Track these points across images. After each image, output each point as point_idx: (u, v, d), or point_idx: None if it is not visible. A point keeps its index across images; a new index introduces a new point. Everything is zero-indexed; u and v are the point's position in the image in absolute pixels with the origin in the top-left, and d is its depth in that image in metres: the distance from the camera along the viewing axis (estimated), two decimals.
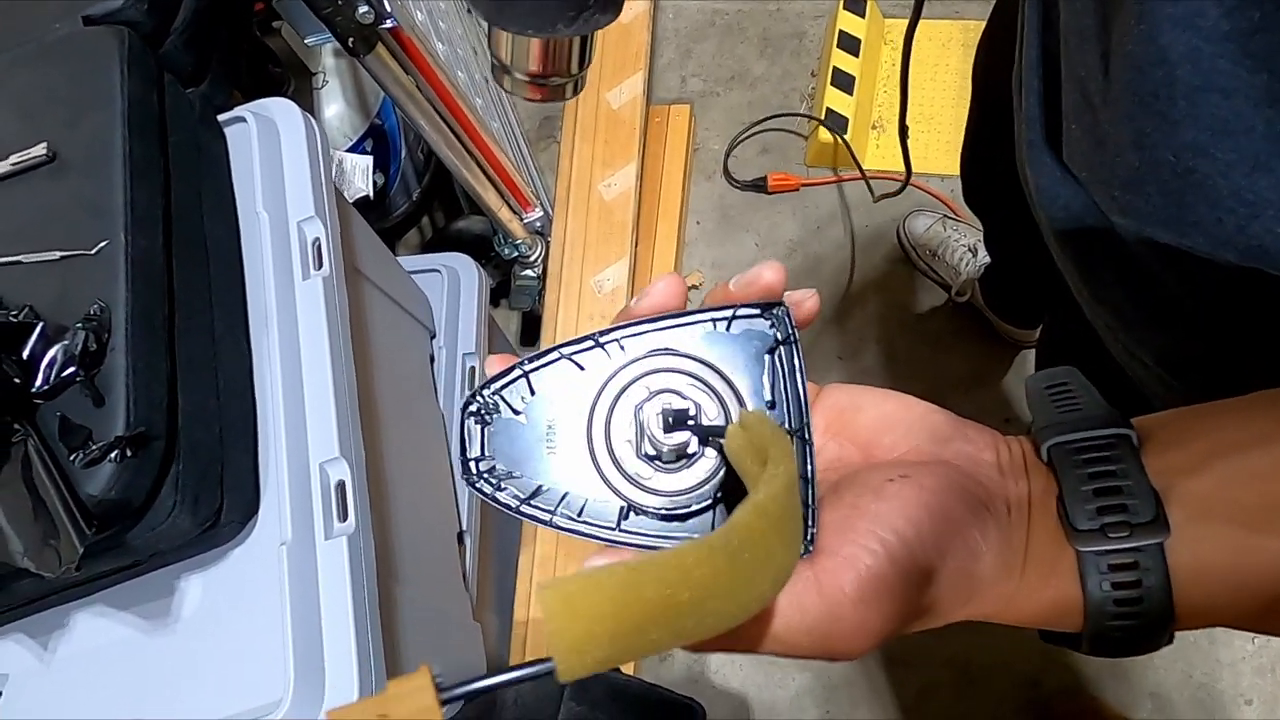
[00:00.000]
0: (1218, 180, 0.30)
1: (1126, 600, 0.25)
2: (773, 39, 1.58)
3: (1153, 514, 0.25)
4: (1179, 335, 0.39)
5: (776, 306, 0.29)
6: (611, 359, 0.29)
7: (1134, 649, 0.27)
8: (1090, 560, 0.26)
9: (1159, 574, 0.25)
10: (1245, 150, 0.29)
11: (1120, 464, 0.26)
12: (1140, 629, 0.26)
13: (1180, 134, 0.30)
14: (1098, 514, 0.25)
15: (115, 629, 0.65)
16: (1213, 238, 0.32)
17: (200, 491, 0.60)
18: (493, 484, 0.29)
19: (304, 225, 0.76)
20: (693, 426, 0.28)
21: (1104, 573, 0.25)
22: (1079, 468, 0.26)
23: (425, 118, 1.01)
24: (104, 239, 0.60)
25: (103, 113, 0.65)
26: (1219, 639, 1.17)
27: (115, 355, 0.57)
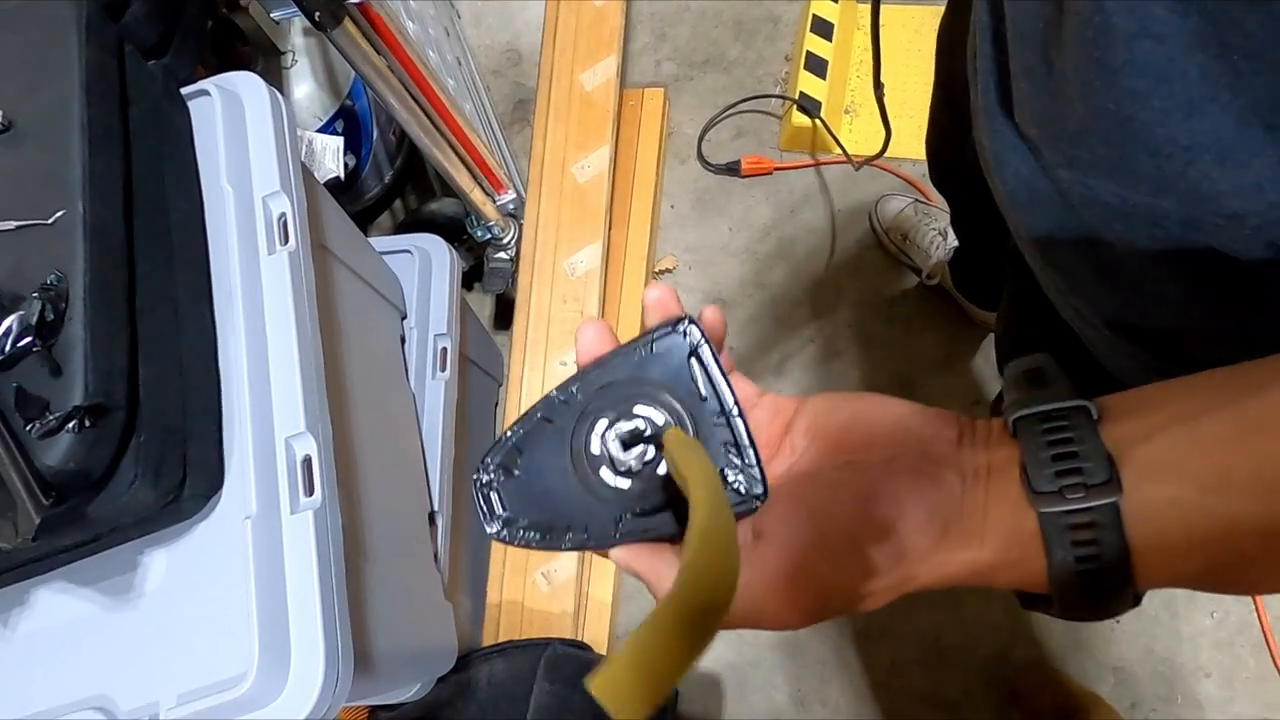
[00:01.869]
0: (1155, 127, 0.31)
1: (1086, 558, 0.27)
2: (747, 23, 1.58)
3: (1106, 475, 0.26)
4: (1126, 298, 0.40)
5: (681, 321, 0.35)
6: (571, 406, 0.35)
7: (1100, 609, 0.28)
8: (1050, 522, 0.27)
9: (1115, 532, 0.26)
10: (1179, 95, 0.30)
11: (1076, 431, 0.27)
12: (1102, 588, 0.27)
13: (1119, 81, 0.31)
14: (1056, 477, 0.27)
15: (77, 605, 0.65)
16: (1154, 185, 0.32)
17: (162, 464, 0.59)
18: (515, 534, 0.35)
19: (269, 200, 0.76)
20: (645, 438, 0.34)
21: (1064, 533, 0.27)
22: (1039, 435, 0.28)
23: (395, 96, 1.00)
24: (61, 209, 0.59)
25: (60, 81, 0.64)
26: (1180, 614, 1.19)
27: (73, 325, 0.56)
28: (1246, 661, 1.16)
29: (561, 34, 1.40)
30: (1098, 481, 0.26)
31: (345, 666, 0.64)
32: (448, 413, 1.08)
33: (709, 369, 0.34)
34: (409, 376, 1.07)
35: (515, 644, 1.15)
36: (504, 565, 1.22)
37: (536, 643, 1.14)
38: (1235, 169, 0.30)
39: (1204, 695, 1.16)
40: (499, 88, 1.63)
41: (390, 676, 0.80)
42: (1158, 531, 0.26)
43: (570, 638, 1.17)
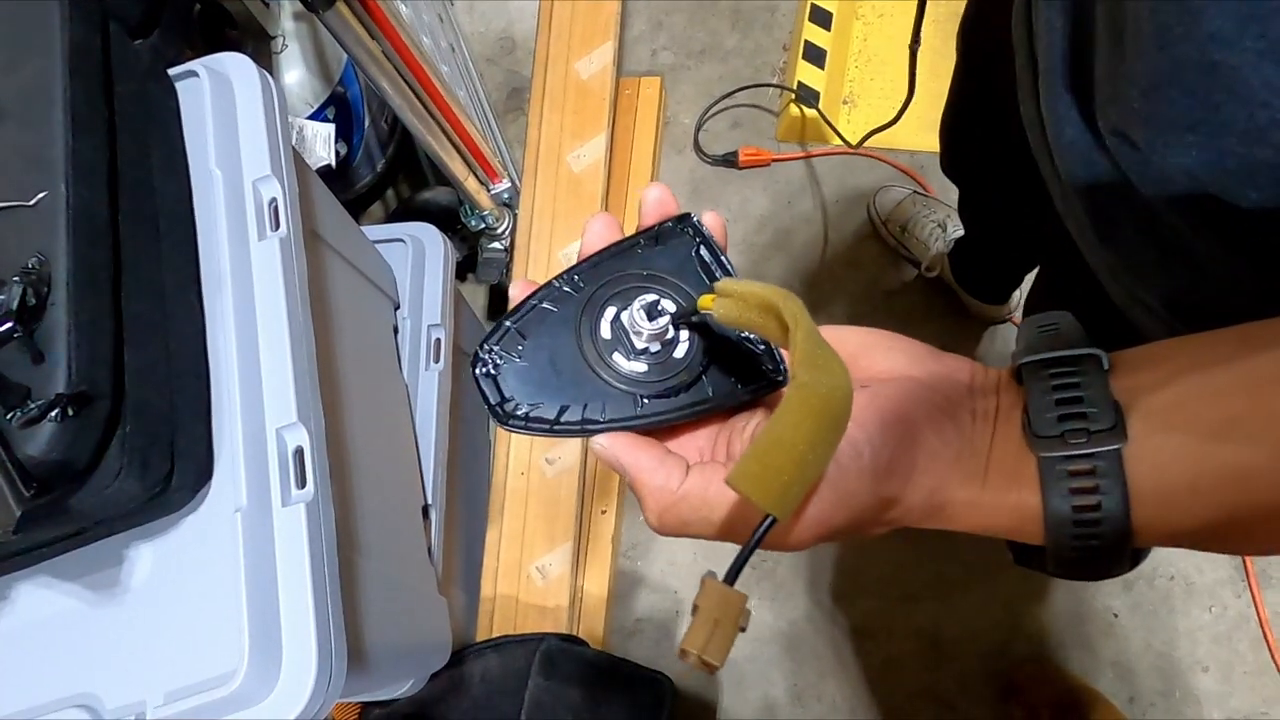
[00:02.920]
0: (1246, 72, 0.29)
1: (1085, 507, 0.26)
2: (744, 12, 1.56)
3: (1112, 422, 0.26)
4: (1187, 277, 0.38)
5: (685, 217, 0.36)
6: (578, 293, 0.35)
7: (1097, 566, 0.27)
8: (1049, 466, 0.26)
9: (1115, 479, 0.26)
10: (1273, 35, 0.28)
11: (1083, 377, 0.27)
12: (1100, 541, 0.26)
13: (1203, 24, 0.29)
14: (1058, 421, 0.26)
15: (60, 600, 0.63)
16: (1245, 136, 0.30)
17: (149, 455, 0.57)
18: (522, 420, 0.34)
19: (259, 185, 0.73)
20: (669, 314, 0.34)
21: (1063, 479, 0.26)
22: (1044, 380, 0.27)
23: (389, 81, 0.98)
24: (43, 190, 0.57)
25: (42, 59, 0.62)
26: (1178, 609, 1.19)
27: (55, 310, 0.54)
28: (1244, 656, 1.16)
29: (557, 21, 1.38)
30: (1102, 428, 0.26)
31: (338, 663, 0.62)
32: (441, 404, 1.06)
33: (717, 258, 0.35)
34: (402, 367, 1.05)
35: (509, 639, 1.13)
36: (498, 559, 1.21)
37: (530, 637, 1.12)
38: None
39: (1202, 689, 1.15)
40: (493, 76, 1.61)
41: (384, 673, 0.78)
42: (1161, 480, 0.25)
43: (564, 632, 1.16)
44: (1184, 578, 1.20)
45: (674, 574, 1.29)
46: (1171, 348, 0.28)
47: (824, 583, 1.26)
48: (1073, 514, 0.26)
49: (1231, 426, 0.24)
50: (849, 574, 1.25)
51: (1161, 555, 1.21)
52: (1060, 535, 0.26)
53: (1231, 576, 1.19)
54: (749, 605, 0.28)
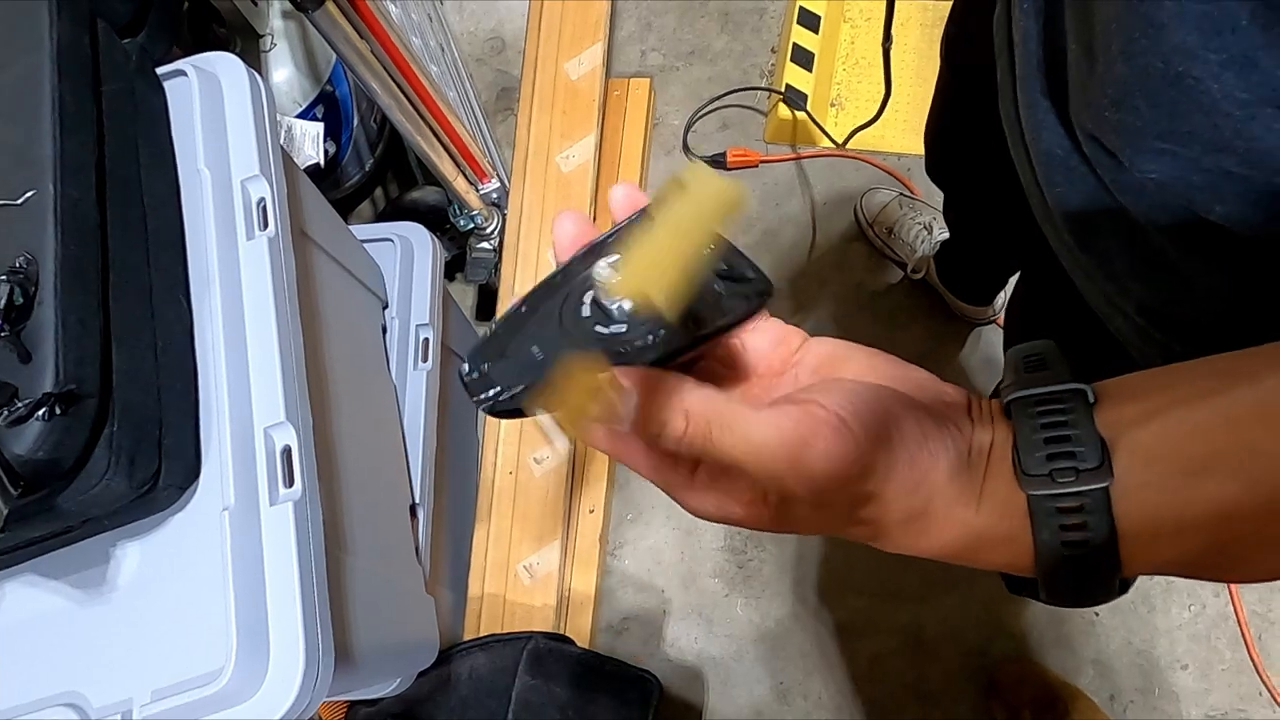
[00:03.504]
0: (1209, 83, 0.29)
1: (1074, 543, 0.26)
2: (733, 14, 1.57)
3: (1098, 461, 0.26)
4: (1164, 286, 0.39)
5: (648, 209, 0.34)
6: (555, 290, 0.34)
7: (1086, 595, 0.28)
8: (1039, 504, 0.27)
9: (1103, 516, 0.26)
10: (1234, 48, 0.28)
11: (1071, 414, 0.27)
12: (1089, 572, 0.27)
13: (1168, 37, 0.30)
14: (1047, 460, 0.27)
15: (47, 599, 0.63)
16: (1209, 144, 0.31)
17: (136, 453, 0.57)
18: (511, 401, 0.32)
19: (248, 184, 0.74)
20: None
21: (1052, 515, 0.27)
22: (1033, 419, 0.28)
23: (378, 81, 0.98)
24: (30, 189, 0.57)
25: (30, 56, 0.62)
26: (1157, 607, 1.20)
27: (43, 309, 0.54)
28: (1223, 654, 1.17)
29: (547, 21, 1.39)
30: (1089, 466, 0.26)
31: (325, 661, 0.63)
32: (430, 404, 1.06)
33: None
34: (390, 367, 1.05)
35: (497, 637, 1.13)
36: (485, 558, 1.21)
37: (518, 636, 1.13)
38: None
39: (1181, 687, 1.17)
40: (482, 76, 1.61)
41: (371, 671, 0.78)
42: (1147, 516, 0.26)
43: (552, 631, 1.16)
44: (1164, 577, 1.21)
45: (660, 573, 1.30)
46: (1154, 379, 0.28)
47: (810, 582, 1.27)
48: (1062, 549, 0.26)
49: (1213, 461, 0.25)
50: (834, 573, 1.26)
51: None
52: (1051, 568, 0.27)
53: None
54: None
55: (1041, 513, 0.27)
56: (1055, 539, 0.27)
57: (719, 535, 1.30)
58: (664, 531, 1.31)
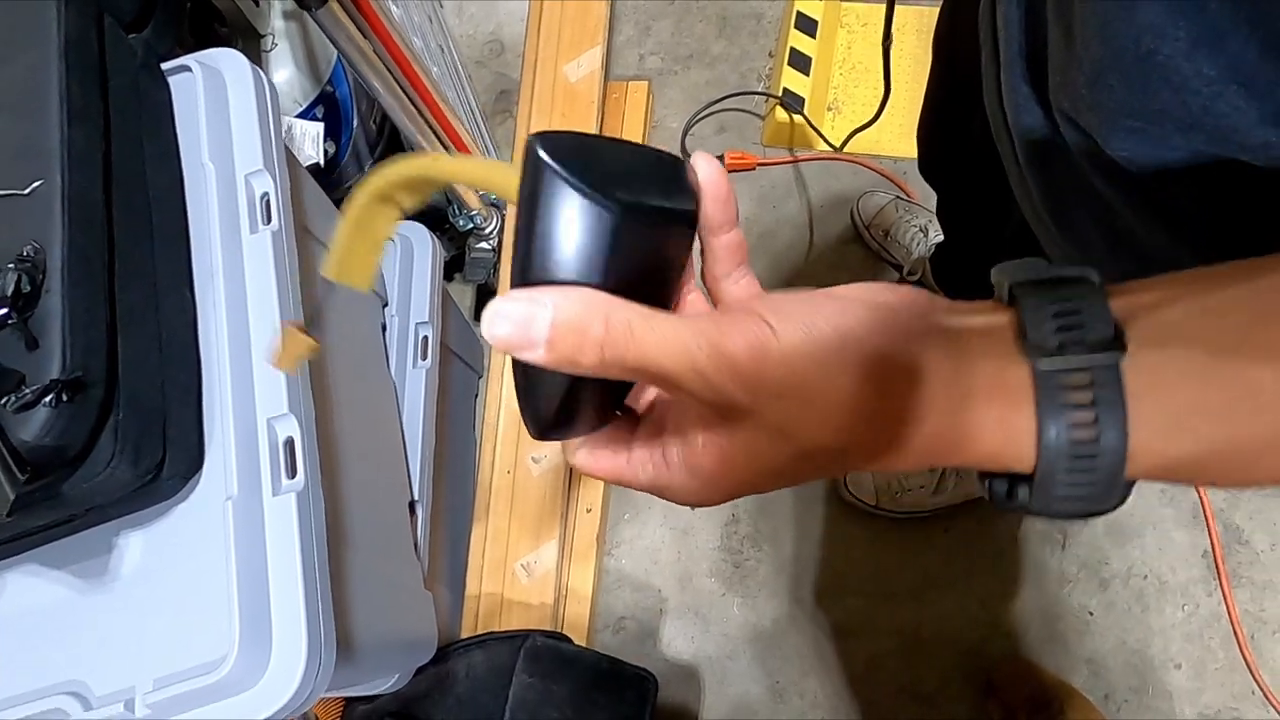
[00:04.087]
0: (1179, 61, 0.30)
1: (1080, 424, 0.24)
2: (731, 19, 1.58)
3: (1111, 334, 0.24)
4: (1135, 267, 0.40)
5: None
6: None
7: (1085, 496, 0.25)
8: (1046, 380, 0.24)
9: (1115, 391, 0.24)
10: (1202, 26, 0.29)
11: (1081, 290, 0.25)
12: (1093, 464, 0.24)
13: (1137, 15, 0.30)
14: (1056, 332, 0.24)
15: (49, 588, 0.63)
16: (1179, 122, 0.32)
17: (141, 442, 0.58)
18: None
19: (252, 179, 0.74)
20: None
21: (1059, 392, 0.24)
22: (1041, 295, 0.25)
23: (379, 80, 0.99)
24: (38, 179, 0.58)
25: (37, 50, 0.62)
26: (1151, 607, 1.21)
27: (50, 298, 0.54)
28: (1216, 653, 1.18)
29: (546, 24, 1.40)
30: (1101, 338, 0.24)
31: (328, 652, 0.63)
32: (429, 402, 1.07)
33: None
34: (390, 365, 1.05)
35: (494, 635, 1.14)
36: (483, 557, 1.21)
37: (516, 634, 1.13)
38: (1263, 98, 0.29)
39: (1174, 686, 1.18)
40: (481, 78, 1.62)
41: (371, 666, 0.78)
42: (1164, 399, 0.24)
43: (549, 629, 1.16)
44: (1157, 577, 1.22)
45: (657, 573, 1.30)
46: (1170, 275, 0.26)
47: (806, 581, 1.27)
48: (1068, 432, 0.24)
49: (1239, 343, 0.23)
50: (831, 573, 1.27)
51: (1136, 555, 1.23)
52: (1052, 460, 0.24)
53: (1204, 575, 1.22)
54: None
55: (1048, 388, 0.24)
56: (1060, 419, 0.24)
57: (715, 535, 1.31)
58: (660, 531, 1.32)
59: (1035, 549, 1.25)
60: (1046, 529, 1.25)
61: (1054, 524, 1.25)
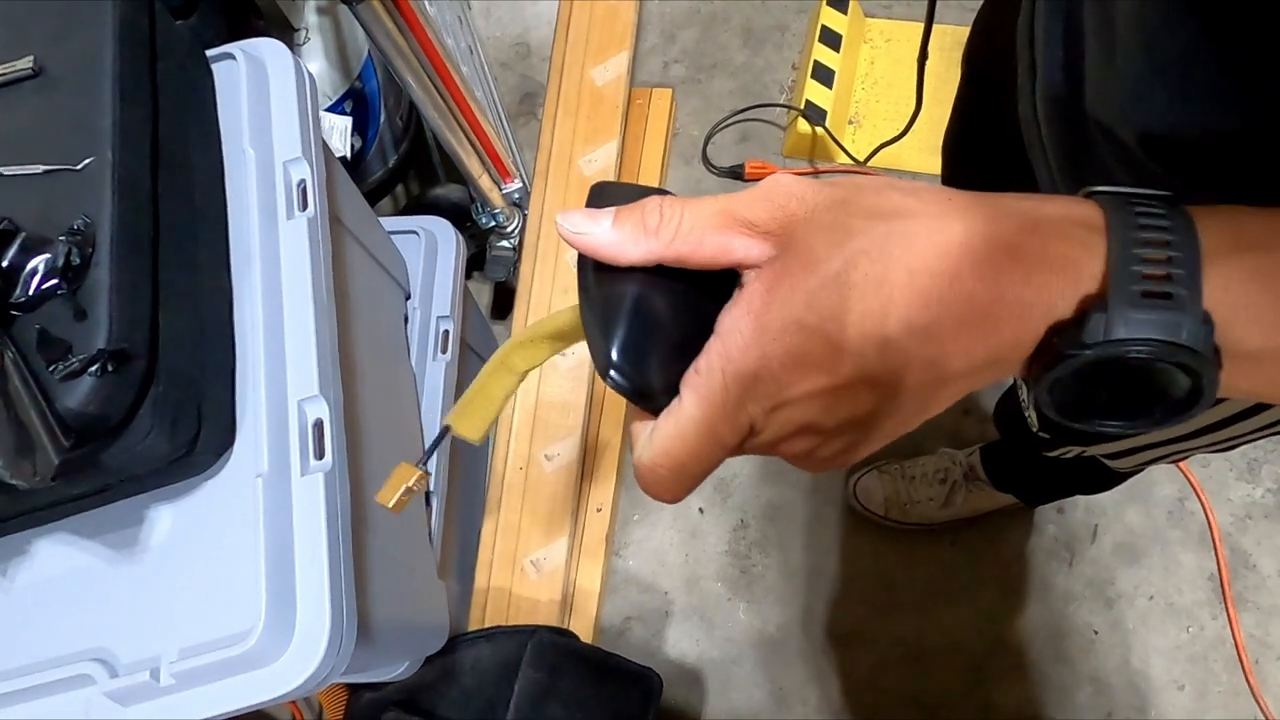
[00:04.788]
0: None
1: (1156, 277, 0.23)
2: (756, 30, 1.60)
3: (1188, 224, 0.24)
4: None
5: None
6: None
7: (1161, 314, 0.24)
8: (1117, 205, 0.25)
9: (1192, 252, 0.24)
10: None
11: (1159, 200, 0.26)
12: (1167, 254, 0.24)
13: (1188, 22, 0.31)
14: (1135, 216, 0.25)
15: (80, 557, 0.64)
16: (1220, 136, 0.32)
17: (178, 416, 0.59)
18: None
19: (290, 166, 0.76)
20: None
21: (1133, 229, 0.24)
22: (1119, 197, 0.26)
23: (412, 74, 1.01)
24: (90, 156, 0.59)
25: (93, 31, 0.64)
26: (1155, 628, 1.21)
27: (99, 270, 0.56)
28: (1219, 676, 1.18)
29: (574, 28, 1.42)
30: (1180, 233, 0.24)
31: (350, 629, 0.64)
32: (447, 394, 1.08)
33: None
34: (411, 356, 1.07)
35: (501, 629, 1.14)
36: (493, 551, 1.22)
37: (522, 629, 1.14)
38: None
39: (1177, 707, 1.18)
40: (506, 80, 1.64)
41: (386, 649, 0.79)
42: (1244, 292, 0.24)
43: (556, 625, 1.17)
44: (1164, 598, 1.23)
45: (665, 575, 1.31)
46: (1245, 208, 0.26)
47: (812, 589, 1.28)
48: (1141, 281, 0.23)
49: None
50: (837, 581, 1.28)
51: (1143, 576, 1.24)
52: (1125, 251, 0.24)
53: (1210, 599, 1.22)
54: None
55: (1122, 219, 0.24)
56: (1132, 222, 0.24)
57: (724, 539, 1.32)
58: (669, 534, 1.33)
59: (1042, 565, 1.25)
60: (1054, 547, 1.26)
61: (1061, 542, 1.26)
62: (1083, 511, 1.27)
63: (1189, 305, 0.23)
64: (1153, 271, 0.24)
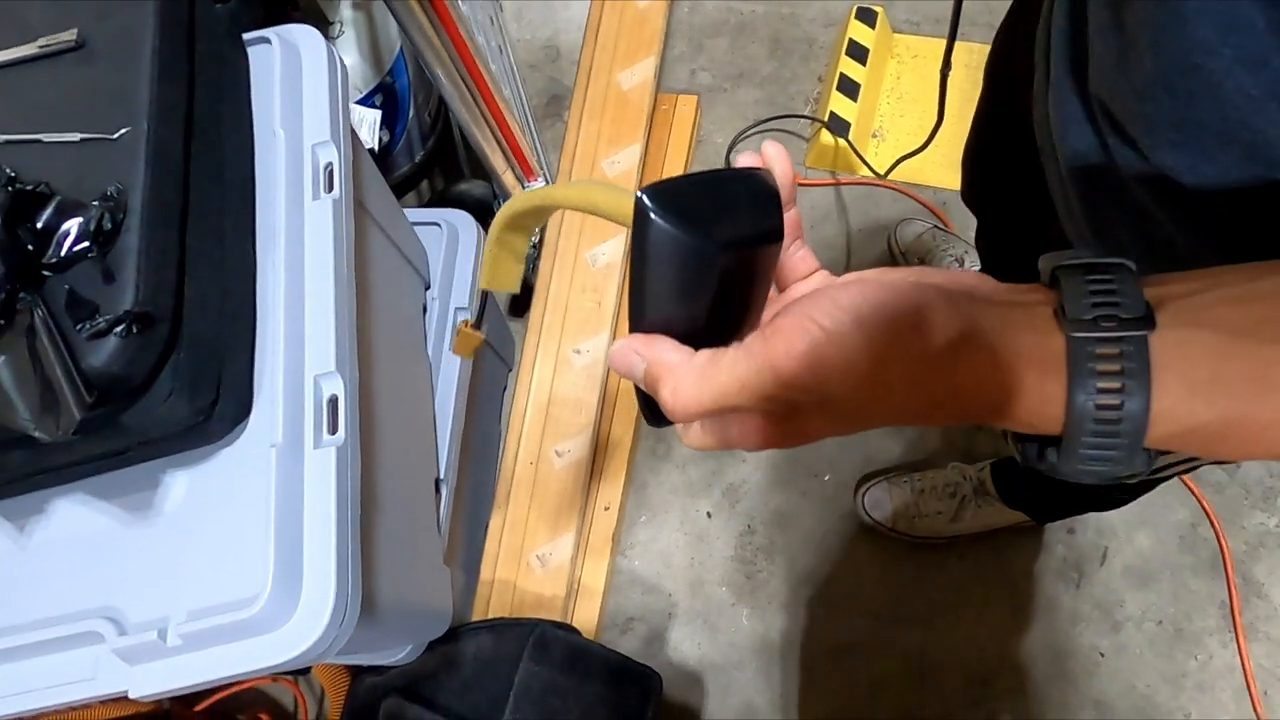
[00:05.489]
0: (1222, 77, 0.32)
1: (1109, 389, 0.26)
2: (783, 42, 1.61)
3: (1142, 313, 0.27)
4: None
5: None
6: None
7: (1113, 460, 0.27)
8: (1079, 346, 0.27)
9: (1141, 363, 0.26)
10: (1248, 47, 0.31)
11: (1117, 277, 0.28)
12: (1119, 427, 0.27)
13: (1188, 31, 0.32)
14: (1092, 307, 0.27)
15: (95, 518, 0.66)
16: (1219, 135, 0.34)
17: (197, 381, 0.60)
18: None
19: (318, 149, 0.77)
20: None
21: (1089, 359, 0.27)
22: (1080, 276, 0.28)
23: (442, 68, 1.03)
24: (126, 126, 0.61)
25: (135, 9, 0.66)
26: (1164, 654, 1.20)
27: (129, 235, 0.57)
28: (1227, 706, 1.17)
29: (604, 32, 1.44)
30: (1133, 316, 0.27)
31: (353, 603, 0.65)
32: (461, 384, 1.09)
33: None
34: (427, 345, 1.08)
35: (504, 621, 1.15)
36: (499, 544, 1.23)
37: (525, 622, 1.14)
38: None
39: None
40: (534, 81, 1.66)
41: (388, 628, 0.80)
42: (1186, 369, 0.26)
43: (559, 620, 1.17)
44: (1172, 624, 1.21)
45: (669, 576, 1.31)
46: (1202, 270, 0.29)
47: (817, 598, 1.27)
48: (1096, 396, 0.26)
49: (1258, 326, 0.25)
50: (843, 591, 1.27)
51: (1152, 600, 1.23)
52: (1080, 423, 0.27)
53: (1220, 626, 1.20)
54: None
55: (1080, 358, 0.27)
56: (1089, 385, 0.26)
57: (730, 544, 1.32)
58: (676, 536, 1.33)
59: (1050, 585, 1.24)
60: (1062, 567, 1.25)
61: (1070, 562, 1.25)
62: (1093, 532, 1.26)
63: (1134, 448, 0.27)
64: (1105, 404, 0.26)
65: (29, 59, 0.64)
